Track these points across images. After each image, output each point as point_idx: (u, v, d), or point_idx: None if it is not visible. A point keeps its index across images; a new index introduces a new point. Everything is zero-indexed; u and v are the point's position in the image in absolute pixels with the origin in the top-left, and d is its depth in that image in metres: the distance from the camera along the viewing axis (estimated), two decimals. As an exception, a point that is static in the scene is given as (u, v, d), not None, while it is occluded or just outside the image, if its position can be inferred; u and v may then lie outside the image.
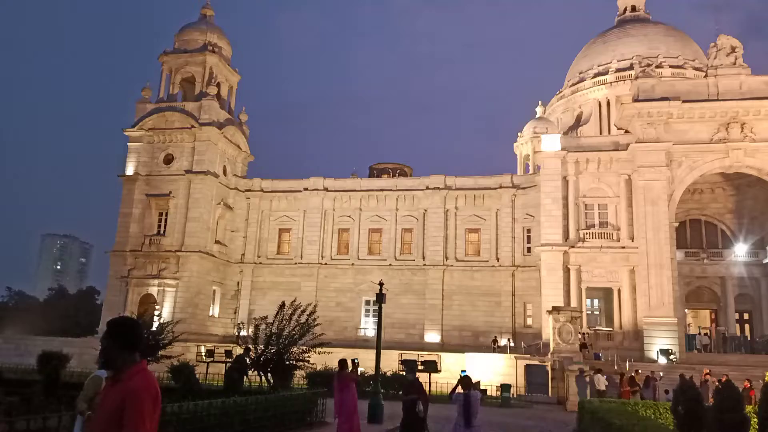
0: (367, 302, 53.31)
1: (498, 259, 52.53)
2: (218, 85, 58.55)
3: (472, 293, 52.47)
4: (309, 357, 21.73)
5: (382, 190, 56.65)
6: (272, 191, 58.56)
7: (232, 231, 57.56)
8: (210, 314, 54.50)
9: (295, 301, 22.26)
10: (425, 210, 54.90)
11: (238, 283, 56.83)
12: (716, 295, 51.66)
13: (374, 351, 23.05)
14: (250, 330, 23.40)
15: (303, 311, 21.50)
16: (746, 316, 51.67)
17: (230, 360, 31.71)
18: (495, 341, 45.95)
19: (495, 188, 53.82)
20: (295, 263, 56.11)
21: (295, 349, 21.30)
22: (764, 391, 13.50)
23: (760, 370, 30.81)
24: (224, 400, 14.74)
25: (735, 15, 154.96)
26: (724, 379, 21.91)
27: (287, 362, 21.20)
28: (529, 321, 50.09)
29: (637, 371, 32.27)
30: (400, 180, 58.74)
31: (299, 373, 24.66)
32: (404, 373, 32.99)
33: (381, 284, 22.54)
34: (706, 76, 46.15)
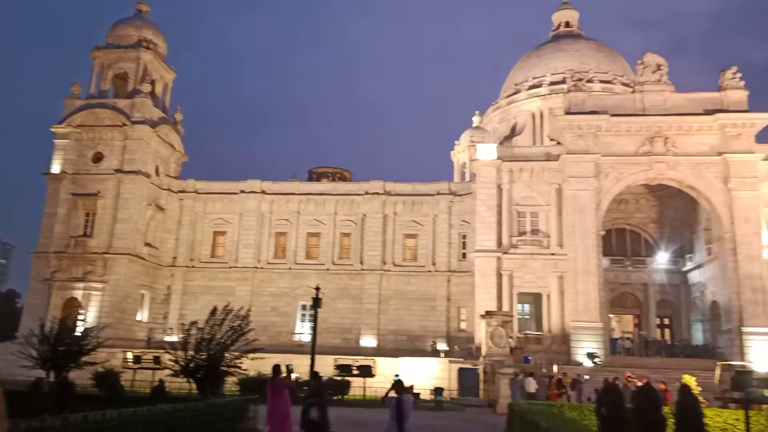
0: (304, 307, 52.84)
1: (434, 264, 53.26)
2: (152, 82, 56.79)
3: (409, 298, 52.97)
4: (241, 363, 21.28)
5: (321, 194, 56.40)
6: (207, 193, 57.21)
7: (164, 233, 55.82)
8: (138, 319, 52.57)
9: (228, 305, 21.78)
10: (364, 215, 55.03)
11: (169, 287, 55.12)
12: (639, 300, 54.16)
13: (309, 356, 22.84)
14: (181, 335, 22.71)
15: (236, 316, 21.05)
16: (666, 321, 54.42)
17: (158, 366, 30.75)
18: (434, 345, 46.58)
19: (433, 195, 54.59)
20: (230, 267, 54.98)
21: (227, 354, 20.81)
22: (681, 392, 14.22)
23: (679, 373, 32.47)
24: (150, 408, 14.22)
25: (661, 34, 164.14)
26: (645, 381, 22.98)
27: (218, 368, 20.68)
28: (463, 325, 51.01)
29: (564, 374, 33.42)
30: (340, 184, 58.68)
31: (231, 380, 24.14)
32: (340, 377, 32.97)
33: (317, 289, 22.43)
34: (633, 91, 48.47)
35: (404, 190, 55.62)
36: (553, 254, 46.15)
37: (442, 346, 46.77)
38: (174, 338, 34.86)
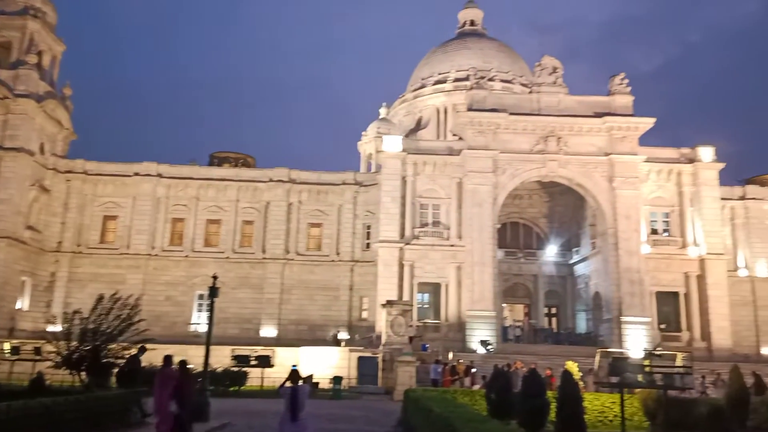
0: (201, 296, 51.13)
1: (338, 254, 53.34)
2: (39, 53, 52.45)
3: (311, 287, 52.74)
4: (130, 354, 20.33)
5: (222, 179, 54.73)
6: (98, 174, 53.79)
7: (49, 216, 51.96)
8: (18, 307, 48.71)
9: (116, 294, 20.69)
10: (268, 202, 54.03)
11: (53, 273, 51.43)
12: (530, 291, 57.21)
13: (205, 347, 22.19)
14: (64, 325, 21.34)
15: (124, 305, 20.05)
16: (554, 311, 57.91)
17: (39, 358, 28.73)
18: (335, 335, 46.72)
19: (338, 184, 54.56)
20: (121, 254, 52.15)
21: (115, 345, 19.79)
22: (563, 378, 15.22)
23: (564, 359, 34.60)
24: (27, 401, 13.31)
25: (558, 39, 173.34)
26: (533, 366, 24.34)
27: (105, 360, 19.64)
28: (365, 314, 51.55)
29: (459, 361, 34.71)
30: (243, 170, 57.21)
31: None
32: (237, 368, 32.30)
33: (215, 278, 21.80)
34: (530, 92, 50.81)
35: (310, 179, 55.16)
36: (452, 246, 47.62)
37: (343, 335, 47.04)
38: (57, 328, 32.64)
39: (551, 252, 57.02)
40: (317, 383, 32.74)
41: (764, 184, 57.46)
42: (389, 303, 39.47)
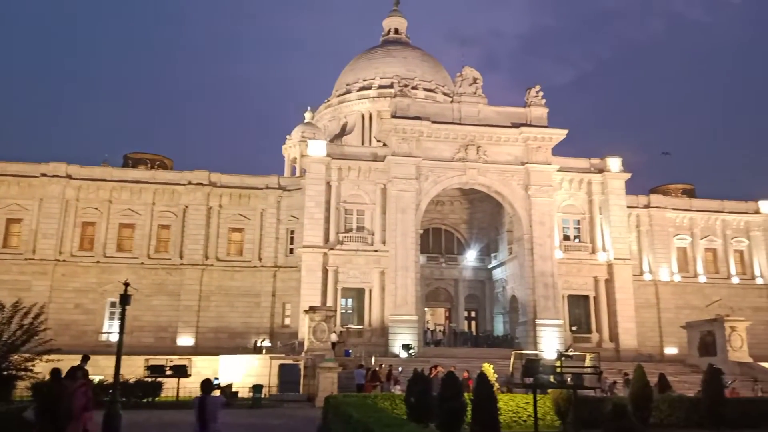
0: (113, 304, 48.64)
1: (260, 260, 52.38)
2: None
3: (232, 294, 51.48)
4: (34, 365, 19.10)
5: (137, 181, 52.51)
6: (1, 175, 50.33)
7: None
8: None
9: (18, 302, 19.40)
10: (186, 206, 52.30)
11: (-53, 281, 47.55)
12: (451, 295, 58.44)
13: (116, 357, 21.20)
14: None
15: (26, 313, 18.84)
16: (473, 314, 59.41)
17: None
18: (256, 342, 45.79)
19: (261, 188, 53.63)
20: (26, 259, 48.91)
21: (16, 356, 18.55)
22: (478, 380, 15.65)
23: (482, 362, 35.50)
24: None
25: (478, 50, 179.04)
26: (451, 369, 24.85)
27: (5, 372, 18.35)
28: (288, 321, 50.88)
29: (381, 365, 34.90)
30: (159, 172, 55.15)
31: (23, 384, 21.54)
32: (151, 379, 31.07)
33: (126, 284, 20.84)
34: (452, 101, 52.02)
35: (231, 182, 53.91)
36: (376, 251, 47.91)
37: (265, 342, 46.22)
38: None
39: (471, 257, 58.55)
40: (236, 392, 32.05)
41: (667, 194, 61.64)
42: (312, 309, 39.19)
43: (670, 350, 51.73)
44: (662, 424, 22.09)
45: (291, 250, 52.18)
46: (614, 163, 52.40)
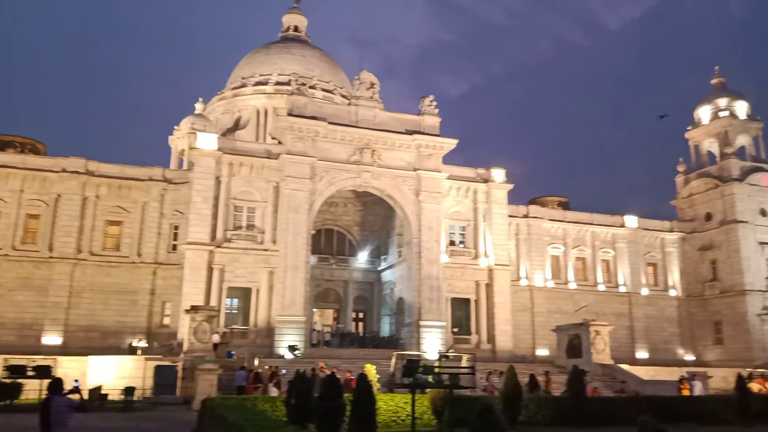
0: (-32, 299, 44.29)
1: (140, 255, 49.76)
2: None
3: (107, 291, 48.46)
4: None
5: (4, 166, 48.13)
6: None
7: None
8: None
9: None
10: (59, 195, 48.57)
11: None
12: (340, 296, 58.73)
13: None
14: None
15: None
16: (361, 315, 60.06)
17: None
18: (132, 342, 43.36)
19: (144, 180, 50.99)
20: None
21: None
22: (358, 380, 15.82)
23: (366, 362, 35.98)
24: None
25: (376, 56, 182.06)
26: (334, 370, 24.95)
27: None
28: (167, 321, 48.71)
29: (265, 367, 34.32)
30: (30, 157, 50.82)
31: None
32: (10, 380, 28.56)
33: (-17, 278, 19.05)
34: (349, 104, 52.33)
35: (111, 172, 50.75)
36: (266, 250, 47.08)
37: (141, 343, 43.90)
38: None
39: (362, 259, 59.19)
40: (105, 395, 30.25)
41: (544, 205, 65.75)
42: (194, 308, 37.76)
43: (542, 352, 55.19)
44: (530, 422, 23.44)
45: (174, 247, 50.01)
46: (498, 174, 55.13)
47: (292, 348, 42.90)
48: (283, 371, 33.01)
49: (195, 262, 45.24)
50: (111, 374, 34.18)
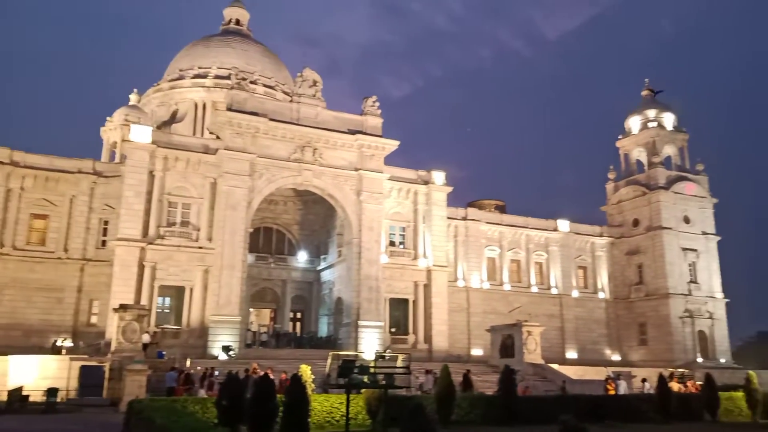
0: None
1: (66, 251, 47.60)
2: None
3: (30, 287, 46.13)
4: None
5: None
6: None
7: None
8: None
9: None
10: (-22, 186, 45.83)
11: None
12: (278, 296, 57.93)
13: None
14: None
15: None
16: (299, 315, 59.46)
17: None
18: (56, 342, 41.30)
19: (73, 172, 48.81)
20: None
21: None
22: (291, 381, 15.66)
23: (303, 363, 35.64)
24: None
25: (320, 52, 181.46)
26: (268, 371, 24.61)
27: None
28: (95, 319, 46.80)
29: (197, 368, 33.46)
30: (-53, 145, 47.72)
31: None
32: None
33: None
34: (291, 101, 51.69)
35: (38, 163, 48.32)
36: (201, 248, 45.91)
37: (66, 342, 41.91)
38: None
39: (301, 258, 58.62)
40: (27, 396, 28.76)
41: (482, 208, 67.15)
42: (123, 307, 36.35)
43: (477, 351, 56.27)
44: (463, 421, 23.85)
45: (104, 243, 48.12)
46: (438, 177, 55.83)
47: (226, 348, 41.99)
48: (216, 372, 32.29)
49: (125, 259, 43.60)
50: (33, 375, 32.51)
